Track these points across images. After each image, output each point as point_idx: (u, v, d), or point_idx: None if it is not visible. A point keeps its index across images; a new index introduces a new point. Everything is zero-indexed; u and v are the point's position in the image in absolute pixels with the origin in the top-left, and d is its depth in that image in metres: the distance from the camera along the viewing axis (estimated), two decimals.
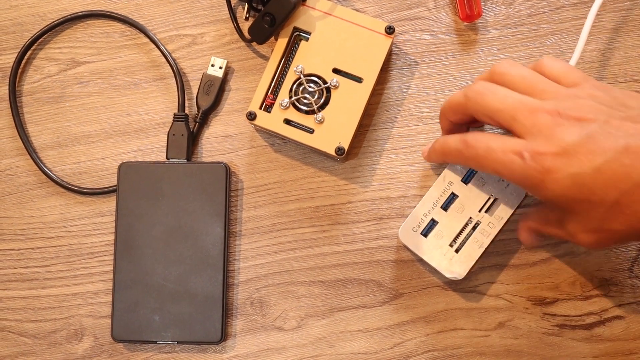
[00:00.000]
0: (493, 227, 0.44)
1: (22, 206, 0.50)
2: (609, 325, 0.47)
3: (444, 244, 0.44)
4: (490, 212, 0.44)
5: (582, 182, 0.35)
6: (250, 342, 0.48)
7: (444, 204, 0.44)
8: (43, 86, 0.51)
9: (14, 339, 0.49)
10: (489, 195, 0.44)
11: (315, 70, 0.47)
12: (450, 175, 0.44)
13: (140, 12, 0.51)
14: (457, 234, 0.44)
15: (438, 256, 0.44)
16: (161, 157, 0.50)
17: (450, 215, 0.44)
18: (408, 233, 0.44)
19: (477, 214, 0.44)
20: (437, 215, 0.44)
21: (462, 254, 0.44)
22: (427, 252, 0.44)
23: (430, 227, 0.44)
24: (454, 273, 0.44)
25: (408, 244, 0.44)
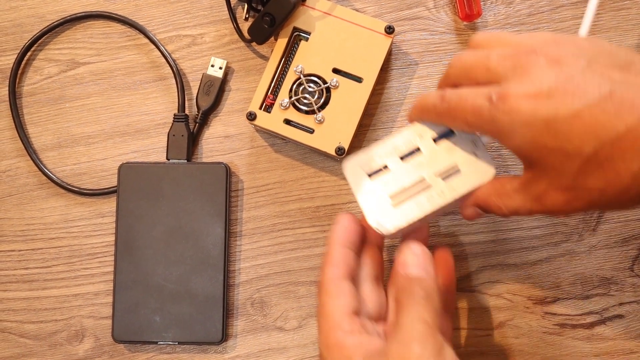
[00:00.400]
0: (442, 197, 0.39)
1: (23, 207, 0.50)
2: (610, 324, 0.47)
3: (385, 192, 0.39)
4: (447, 180, 0.39)
5: (557, 127, 0.31)
6: (251, 342, 0.48)
7: (404, 154, 0.40)
8: (43, 87, 0.51)
9: (15, 340, 0.49)
10: (453, 163, 0.39)
11: (315, 70, 0.47)
12: (423, 129, 0.40)
13: (140, 13, 0.51)
14: (403, 189, 0.39)
15: (373, 202, 0.39)
16: (161, 157, 0.50)
17: (404, 168, 0.39)
18: (354, 168, 0.40)
19: (433, 177, 0.39)
20: (392, 163, 0.40)
21: (398, 210, 0.39)
22: (364, 193, 0.39)
23: (379, 171, 0.40)
24: (380, 224, 0.39)
25: (349, 178, 0.40)
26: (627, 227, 0.48)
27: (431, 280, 0.35)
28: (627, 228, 0.48)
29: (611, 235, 0.48)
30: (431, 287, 0.35)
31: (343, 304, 0.37)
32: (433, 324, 0.34)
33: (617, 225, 0.48)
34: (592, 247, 0.48)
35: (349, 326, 0.36)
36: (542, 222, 0.48)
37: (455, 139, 0.39)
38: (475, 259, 0.48)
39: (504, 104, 0.32)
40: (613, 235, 0.48)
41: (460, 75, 0.36)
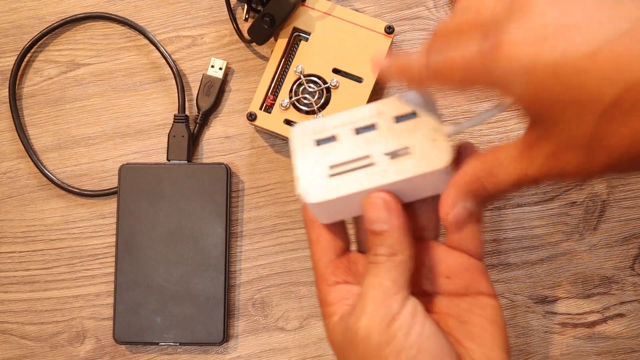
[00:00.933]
0: (383, 176, 0.34)
1: (23, 209, 0.50)
2: (611, 323, 0.47)
3: (326, 162, 0.35)
4: (394, 161, 0.34)
5: (567, 73, 0.25)
6: (252, 342, 0.48)
7: (359, 127, 0.36)
8: (43, 89, 0.51)
9: (16, 341, 0.49)
10: (407, 145, 0.35)
11: (315, 71, 0.47)
12: (387, 107, 0.36)
13: (139, 14, 0.51)
14: (345, 162, 0.35)
15: (308, 168, 0.35)
16: (162, 158, 0.50)
17: (354, 141, 0.36)
18: (304, 132, 0.36)
19: (381, 155, 0.35)
20: (344, 134, 0.36)
21: (332, 181, 0.35)
22: (303, 158, 0.36)
23: (327, 141, 0.36)
24: (307, 192, 0.34)
25: (294, 141, 0.36)
26: (627, 225, 0.48)
27: (396, 231, 0.33)
28: (627, 227, 0.48)
29: (612, 234, 0.48)
30: (396, 239, 0.33)
31: (325, 251, 0.36)
32: (394, 285, 0.32)
33: (618, 224, 0.48)
34: (592, 246, 0.48)
35: (334, 276, 0.35)
36: (543, 221, 0.48)
37: (417, 121, 0.35)
38: None
39: (499, 51, 0.26)
40: (614, 234, 0.48)
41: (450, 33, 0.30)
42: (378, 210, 0.33)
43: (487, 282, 0.36)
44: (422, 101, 0.35)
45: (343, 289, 0.35)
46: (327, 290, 0.35)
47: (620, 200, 0.48)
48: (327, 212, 0.36)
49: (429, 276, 0.36)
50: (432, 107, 0.35)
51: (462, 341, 0.34)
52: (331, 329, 0.35)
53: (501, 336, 0.35)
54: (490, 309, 0.35)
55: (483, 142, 0.49)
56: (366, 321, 0.32)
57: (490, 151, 0.31)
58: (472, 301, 0.35)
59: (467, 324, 0.35)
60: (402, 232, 0.33)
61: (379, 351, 0.32)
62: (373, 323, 0.32)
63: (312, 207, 0.35)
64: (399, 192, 0.35)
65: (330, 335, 0.35)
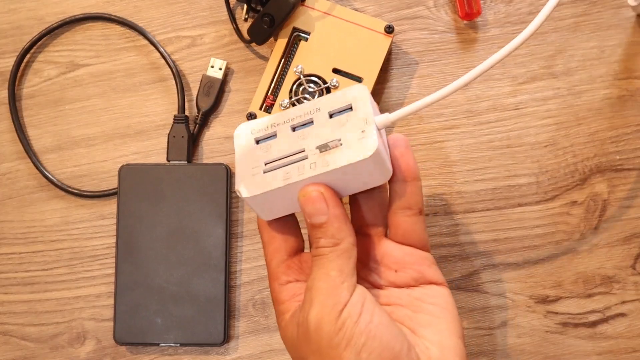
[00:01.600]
0: (312, 170, 0.35)
1: (23, 210, 0.50)
2: (612, 323, 0.47)
3: (262, 159, 0.36)
4: (324, 153, 0.35)
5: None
6: (252, 343, 0.48)
7: (297, 124, 0.36)
8: (43, 89, 0.51)
9: (16, 342, 0.49)
10: (338, 137, 0.35)
11: (315, 71, 0.47)
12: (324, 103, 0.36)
13: (139, 15, 0.51)
14: (279, 158, 0.36)
15: (247, 165, 0.36)
16: (162, 159, 0.50)
17: (290, 137, 0.36)
18: (245, 132, 0.37)
19: (313, 149, 0.35)
20: (282, 132, 0.36)
21: (264, 177, 0.35)
22: (242, 157, 0.36)
23: (266, 139, 0.37)
24: (242, 189, 0.35)
25: (236, 141, 0.37)
26: (628, 225, 0.48)
27: (336, 221, 0.34)
28: (628, 226, 0.48)
29: (613, 234, 0.48)
30: (336, 228, 0.34)
31: (277, 251, 0.37)
32: (339, 274, 0.33)
33: (619, 223, 0.48)
34: (594, 245, 0.48)
35: (285, 276, 0.36)
36: (544, 220, 0.48)
37: (350, 115, 0.36)
38: (476, 258, 0.48)
39: None
40: (615, 233, 0.48)
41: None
42: (314, 203, 0.34)
43: (436, 271, 0.37)
44: (359, 95, 0.36)
45: (294, 287, 0.36)
46: (279, 289, 0.36)
47: (621, 200, 0.48)
48: (266, 207, 0.36)
49: (378, 270, 0.37)
50: (366, 101, 0.35)
51: (416, 330, 0.35)
52: (284, 327, 0.35)
53: (454, 323, 0.35)
54: (441, 296, 0.36)
55: (483, 142, 0.49)
56: (315, 312, 0.33)
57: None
58: (422, 291, 0.36)
59: (420, 312, 0.35)
60: (341, 220, 0.34)
61: (330, 341, 0.32)
62: (323, 313, 0.33)
63: (249, 203, 0.36)
64: (333, 185, 0.35)
65: (283, 333, 0.36)
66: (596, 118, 0.48)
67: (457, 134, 0.49)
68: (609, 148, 0.48)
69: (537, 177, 0.48)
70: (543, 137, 0.48)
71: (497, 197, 0.48)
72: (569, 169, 0.48)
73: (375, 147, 0.34)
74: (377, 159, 0.34)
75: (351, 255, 0.34)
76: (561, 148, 0.48)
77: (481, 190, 0.48)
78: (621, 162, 0.48)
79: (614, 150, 0.48)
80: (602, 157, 0.48)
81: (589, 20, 0.49)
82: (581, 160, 0.48)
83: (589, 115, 0.49)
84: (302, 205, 0.34)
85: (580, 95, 0.49)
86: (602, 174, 0.48)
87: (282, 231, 0.37)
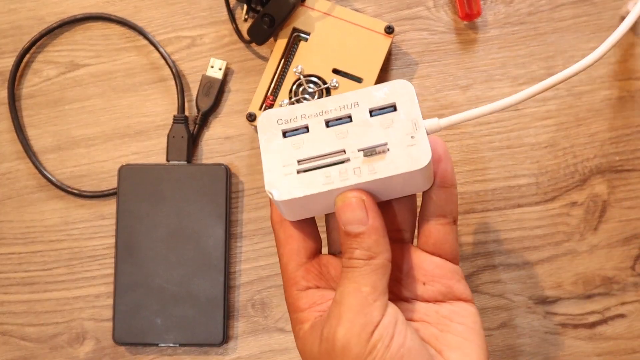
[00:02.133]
0: (357, 176, 0.32)
1: (23, 210, 0.50)
2: (612, 323, 0.47)
3: (294, 156, 0.33)
4: (369, 158, 0.32)
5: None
6: (252, 344, 0.48)
7: (332, 119, 0.33)
8: (42, 89, 0.51)
9: (16, 343, 0.49)
10: (384, 141, 0.32)
11: (315, 71, 0.47)
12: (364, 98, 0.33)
13: (139, 15, 0.51)
14: (316, 156, 0.33)
15: (276, 162, 0.33)
16: (161, 159, 0.50)
17: (326, 133, 0.33)
18: (270, 121, 0.34)
19: (355, 151, 0.32)
20: (314, 125, 0.33)
21: (301, 178, 0.32)
22: (270, 151, 0.33)
23: (296, 132, 0.33)
24: (274, 189, 0.32)
25: (261, 132, 0.34)
26: (628, 226, 0.48)
27: (374, 234, 0.31)
28: (628, 227, 0.48)
29: (613, 235, 0.48)
30: (373, 241, 0.31)
31: (295, 252, 0.34)
32: (372, 291, 0.31)
33: (619, 224, 0.48)
34: (593, 246, 0.48)
35: (305, 280, 0.34)
36: (544, 221, 0.48)
37: (394, 116, 0.33)
38: (476, 258, 0.48)
39: None
40: (614, 234, 0.48)
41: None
42: (354, 211, 0.31)
43: (465, 287, 0.35)
44: (405, 93, 0.33)
45: (315, 294, 0.34)
46: (297, 295, 0.34)
47: (621, 201, 0.48)
48: (295, 209, 0.33)
49: (406, 282, 0.35)
50: (412, 101, 0.33)
51: (443, 352, 0.33)
52: (302, 338, 0.33)
53: (482, 346, 0.33)
54: (470, 316, 0.34)
55: (483, 143, 0.49)
56: (344, 331, 0.31)
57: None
58: (451, 308, 0.34)
59: (447, 332, 0.34)
60: (380, 233, 0.32)
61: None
62: (352, 333, 0.30)
63: (279, 205, 0.33)
64: (373, 191, 0.33)
65: (302, 345, 0.33)
66: (596, 119, 0.48)
67: (457, 134, 0.49)
68: (609, 149, 0.48)
69: (536, 177, 0.48)
70: (543, 138, 0.48)
71: (497, 198, 0.48)
72: (569, 169, 0.48)
73: (429, 158, 0.32)
74: (429, 169, 0.32)
75: (386, 271, 0.32)
76: (561, 149, 0.48)
77: (481, 191, 0.48)
78: (621, 163, 0.48)
79: (614, 151, 0.48)
80: (602, 158, 0.48)
81: (589, 21, 0.49)
82: (581, 161, 0.48)
83: (589, 116, 0.48)
84: (338, 211, 0.32)
85: (580, 96, 0.49)
86: (602, 174, 0.48)
87: (300, 230, 0.34)
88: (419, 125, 0.32)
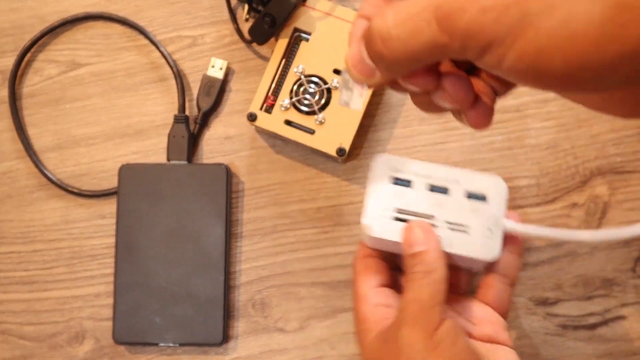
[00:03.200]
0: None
1: (23, 209, 0.50)
2: (612, 325, 0.47)
3: (394, 204, 0.38)
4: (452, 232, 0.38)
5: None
6: (252, 343, 0.48)
7: (434, 186, 0.39)
8: (43, 88, 0.51)
9: (15, 341, 0.49)
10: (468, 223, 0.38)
11: (316, 71, 0.47)
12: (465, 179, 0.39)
13: (140, 14, 0.51)
14: (411, 212, 0.38)
15: (378, 202, 0.38)
16: (162, 158, 0.50)
17: (425, 196, 0.38)
18: (385, 164, 0.39)
19: (442, 222, 0.38)
20: (419, 185, 0.38)
21: (394, 224, 0.38)
22: (376, 190, 0.38)
23: (403, 183, 0.39)
24: (370, 225, 0.38)
25: (374, 169, 0.39)
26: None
27: (433, 252, 0.36)
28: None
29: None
30: (433, 258, 0.35)
31: (369, 278, 0.39)
32: (431, 299, 0.34)
33: (620, 226, 0.48)
34: (594, 248, 0.47)
35: (375, 299, 0.38)
36: (544, 223, 0.48)
37: (483, 206, 0.38)
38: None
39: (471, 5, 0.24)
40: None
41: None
42: (416, 234, 0.36)
43: (509, 337, 0.39)
44: (497, 190, 0.39)
45: (384, 310, 0.37)
46: (368, 309, 0.38)
47: (622, 202, 0.48)
48: (377, 243, 0.39)
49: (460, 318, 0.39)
50: (502, 199, 0.38)
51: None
52: (368, 345, 0.37)
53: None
54: (512, 355, 0.38)
55: (484, 144, 0.48)
56: (408, 330, 0.34)
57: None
58: (495, 347, 0.38)
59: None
60: (438, 253, 0.36)
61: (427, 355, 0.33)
62: (414, 331, 0.34)
63: (369, 238, 0.39)
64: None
65: (366, 351, 0.37)
66: (597, 120, 0.48)
67: (457, 135, 0.49)
68: (610, 150, 0.48)
69: (537, 179, 0.48)
70: (544, 139, 0.48)
71: None
72: (570, 171, 0.48)
73: (496, 257, 0.38)
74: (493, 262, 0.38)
75: (443, 286, 0.35)
76: (562, 150, 0.48)
77: None
78: (622, 164, 0.48)
79: (615, 153, 0.48)
80: (602, 159, 0.48)
81: None
82: (582, 162, 0.48)
83: (590, 117, 0.48)
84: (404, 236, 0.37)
85: None
86: (602, 176, 0.48)
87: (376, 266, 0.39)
88: (499, 225, 0.38)
